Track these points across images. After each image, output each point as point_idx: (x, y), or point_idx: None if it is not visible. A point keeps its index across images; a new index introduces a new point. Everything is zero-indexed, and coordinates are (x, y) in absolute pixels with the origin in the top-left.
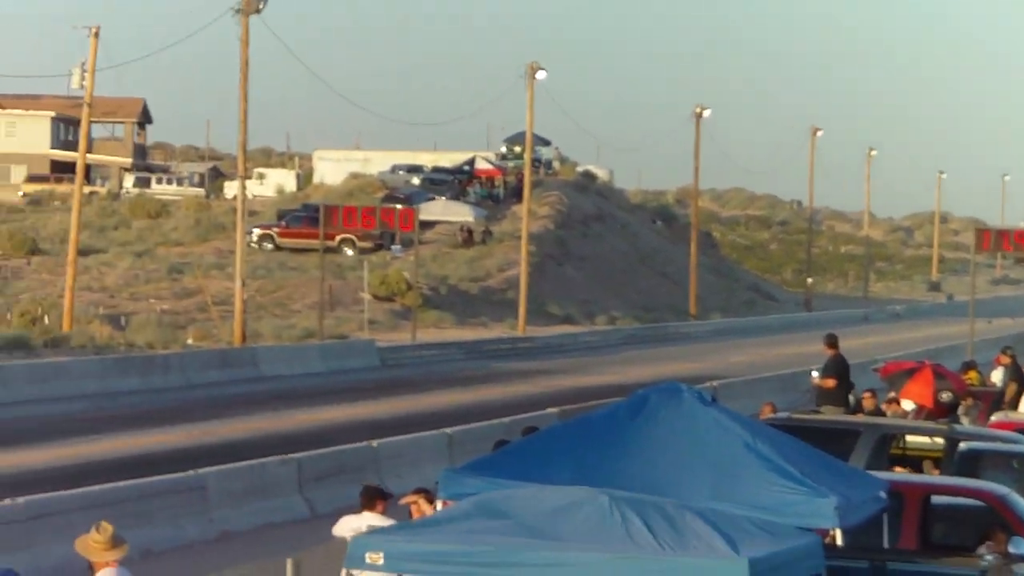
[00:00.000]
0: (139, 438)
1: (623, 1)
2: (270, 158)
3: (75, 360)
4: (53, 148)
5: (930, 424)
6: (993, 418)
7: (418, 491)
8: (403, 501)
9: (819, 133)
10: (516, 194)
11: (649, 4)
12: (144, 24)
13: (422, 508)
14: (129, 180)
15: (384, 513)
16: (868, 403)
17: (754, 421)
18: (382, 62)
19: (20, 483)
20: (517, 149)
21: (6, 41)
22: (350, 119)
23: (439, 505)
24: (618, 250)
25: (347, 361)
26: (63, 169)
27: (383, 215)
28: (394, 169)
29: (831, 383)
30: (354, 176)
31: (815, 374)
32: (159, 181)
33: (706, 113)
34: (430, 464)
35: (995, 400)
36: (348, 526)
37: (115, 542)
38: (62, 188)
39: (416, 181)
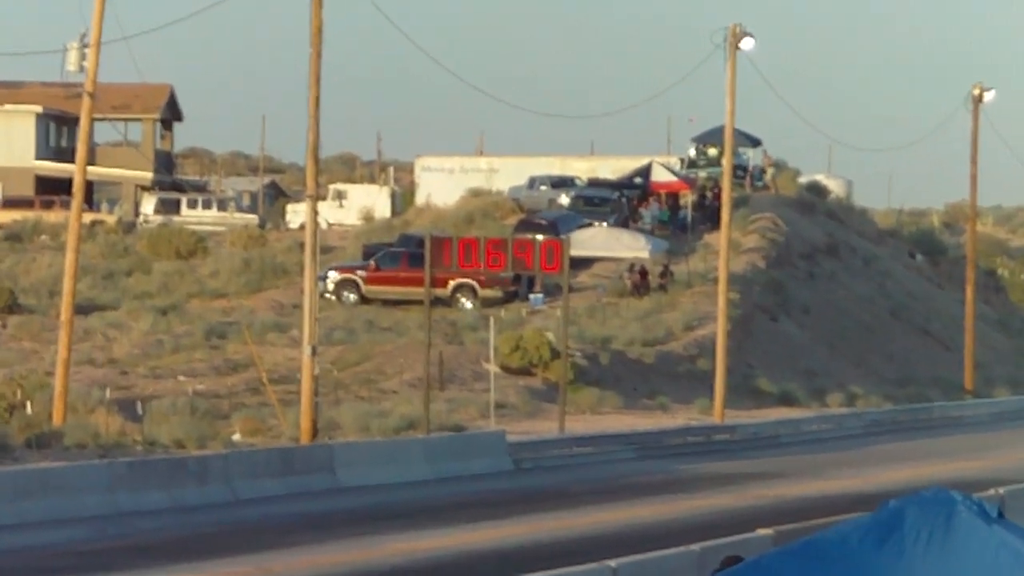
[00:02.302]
0: None
1: None
2: (354, 170)
3: (71, 466)
4: (39, 158)
5: None
6: None
7: None
8: None
9: None
10: (711, 217)
11: None
12: None
13: None
14: (149, 203)
15: None
16: None
17: None
18: (513, 32)
19: None
20: (712, 152)
21: None
22: (468, 114)
23: None
24: (860, 297)
25: (465, 463)
26: (53, 188)
27: (517, 250)
28: (532, 183)
29: None
30: (475, 194)
31: None
32: (192, 204)
33: (988, 96)
34: None
35: None
36: None
37: None
38: (52, 216)
39: (565, 200)
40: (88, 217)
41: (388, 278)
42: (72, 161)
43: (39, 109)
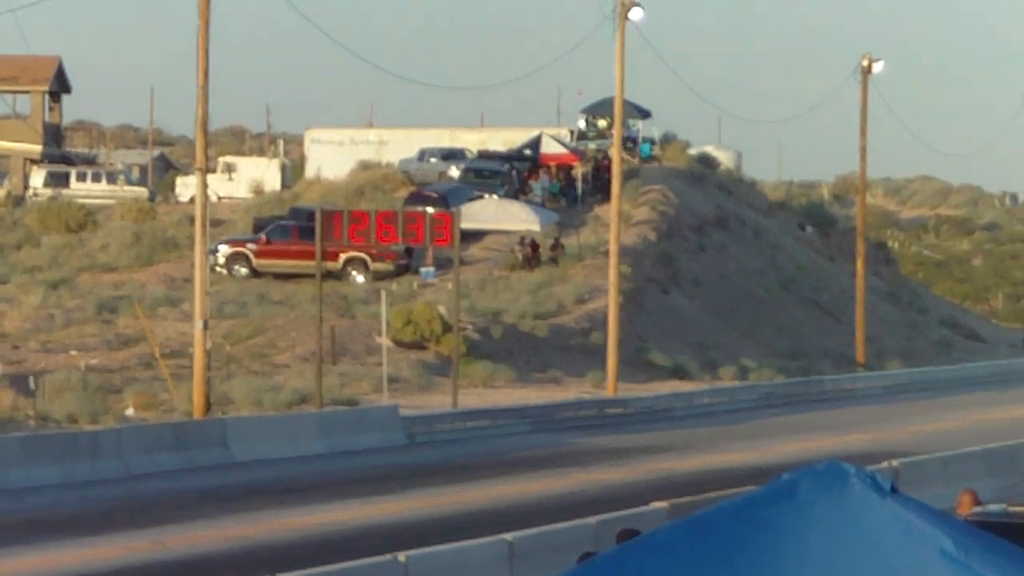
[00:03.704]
0: (58, 554)
1: None
2: (243, 142)
3: None
4: None
5: None
6: None
7: None
8: None
9: None
10: (601, 189)
11: None
12: None
13: None
14: (38, 176)
15: None
16: None
17: (955, 519)
18: (402, 2)
19: None
20: (602, 123)
21: None
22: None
23: None
24: (750, 270)
25: (358, 437)
26: None
27: (408, 223)
28: (423, 155)
29: None
30: (365, 166)
31: None
32: (81, 177)
33: (877, 67)
34: None
35: None
36: None
37: None
38: None
39: (455, 172)
40: None
41: (279, 251)
42: None
43: None
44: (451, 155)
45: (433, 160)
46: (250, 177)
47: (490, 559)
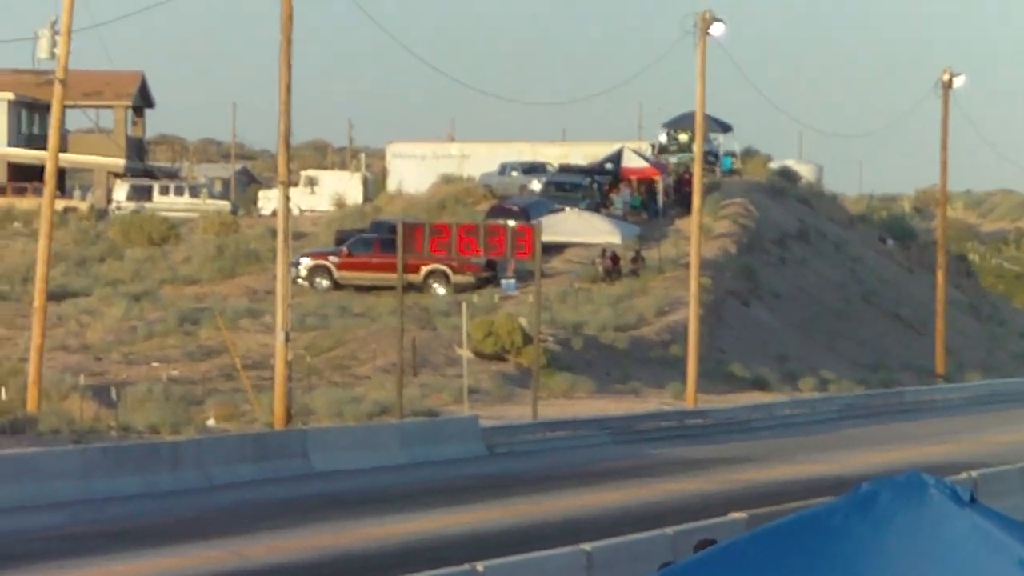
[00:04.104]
0: (137, 564)
1: None
2: (325, 156)
3: (45, 452)
4: (11, 146)
5: None
6: None
7: None
8: None
9: None
10: (682, 203)
11: None
12: None
13: None
14: (122, 190)
15: None
16: None
17: None
18: (485, 18)
19: None
20: (683, 138)
21: None
22: (440, 100)
23: None
24: (831, 282)
25: (438, 448)
26: (25, 176)
27: (489, 236)
28: (504, 169)
29: None
30: (446, 180)
31: None
32: (164, 191)
33: (958, 81)
34: None
35: None
36: None
37: None
38: (24, 203)
39: (536, 186)
40: (60, 204)
41: (360, 264)
42: (44, 148)
43: (11, 96)
44: (532, 169)
45: (515, 174)
46: (332, 190)
47: (568, 569)
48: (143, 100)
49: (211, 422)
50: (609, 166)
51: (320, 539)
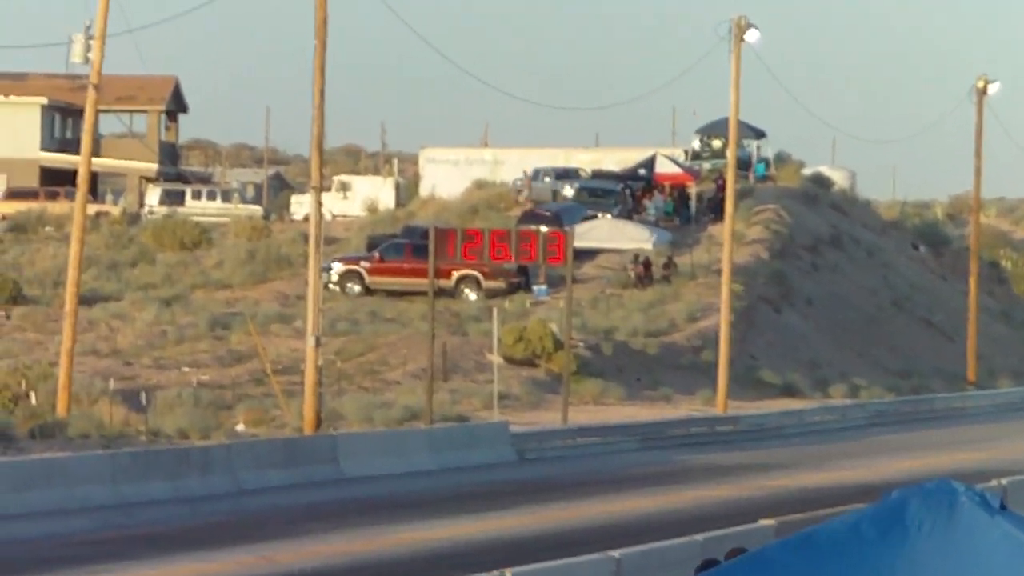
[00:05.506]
0: (168, 569)
1: None
2: (358, 161)
3: (75, 457)
4: (44, 150)
5: None
6: None
7: None
8: None
9: None
10: (715, 209)
11: None
12: None
13: None
14: (154, 194)
15: None
16: None
17: None
18: (517, 22)
19: None
20: (716, 144)
21: None
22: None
23: None
24: (863, 289)
25: (468, 454)
26: (58, 180)
27: (521, 242)
28: (537, 174)
29: None
30: (479, 185)
31: None
32: (197, 196)
33: (992, 88)
34: None
35: None
36: None
37: None
38: (56, 207)
39: (569, 192)
40: (93, 208)
41: (392, 269)
42: (77, 152)
43: (44, 100)
44: (565, 174)
45: (548, 180)
46: (365, 195)
47: (598, 574)
48: (177, 105)
49: (240, 427)
50: (642, 172)
51: (351, 545)
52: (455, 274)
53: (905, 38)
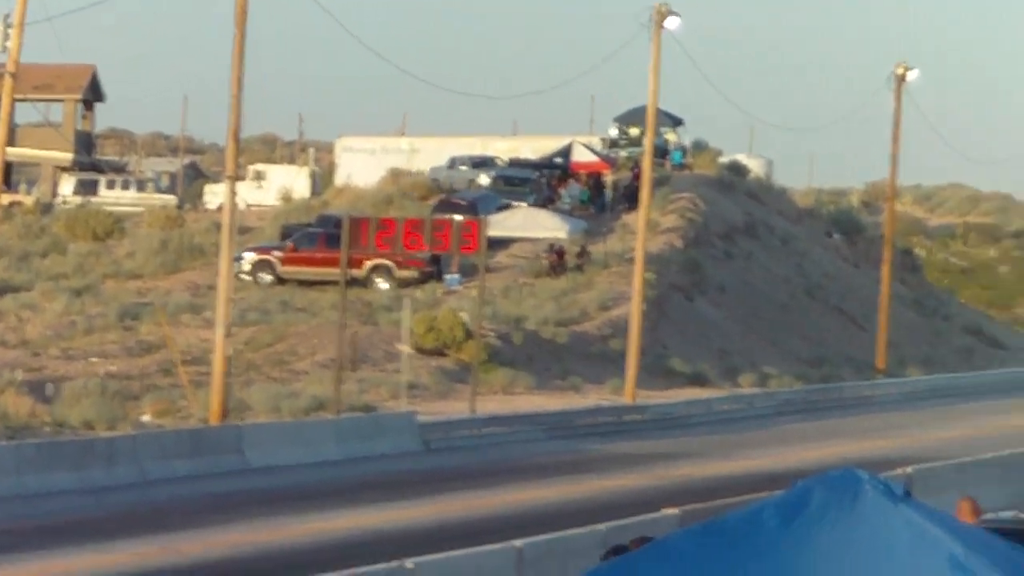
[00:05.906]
0: (72, 560)
1: None
2: (274, 150)
3: None
4: None
5: None
6: None
7: None
8: None
9: None
10: (630, 197)
11: None
12: None
13: None
14: (68, 184)
15: None
16: None
17: (966, 526)
18: (436, 11)
19: None
20: (633, 132)
21: None
22: (391, 94)
23: None
24: (776, 277)
25: (375, 444)
26: None
27: (435, 231)
28: (453, 163)
29: None
30: (395, 174)
31: None
32: (111, 185)
33: (911, 75)
34: None
35: None
36: None
37: None
38: None
39: (485, 180)
40: (6, 198)
41: (304, 259)
42: None
43: None
44: (481, 163)
45: (464, 168)
46: (280, 185)
47: (499, 565)
48: (94, 94)
49: (146, 418)
50: (559, 160)
51: (254, 535)
52: (367, 264)
53: (824, 26)
